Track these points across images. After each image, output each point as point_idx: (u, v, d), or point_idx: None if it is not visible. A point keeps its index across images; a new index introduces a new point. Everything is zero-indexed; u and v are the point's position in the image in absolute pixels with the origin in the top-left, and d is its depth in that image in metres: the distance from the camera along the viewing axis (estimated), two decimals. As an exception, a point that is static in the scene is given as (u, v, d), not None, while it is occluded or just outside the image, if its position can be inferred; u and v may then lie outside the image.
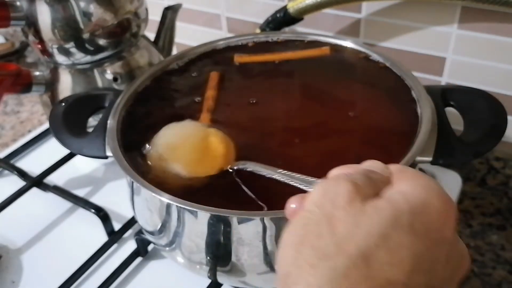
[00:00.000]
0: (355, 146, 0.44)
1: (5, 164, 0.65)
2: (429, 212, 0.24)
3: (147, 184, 0.39)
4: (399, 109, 0.47)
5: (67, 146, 0.47)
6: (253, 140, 0.46)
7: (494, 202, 0.59)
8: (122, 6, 0.57)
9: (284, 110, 0.49)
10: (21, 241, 0.56)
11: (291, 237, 0.25)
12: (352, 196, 0.25)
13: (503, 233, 0.55)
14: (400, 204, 0.24)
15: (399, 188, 0.25)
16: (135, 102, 0.50)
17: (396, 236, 0.23)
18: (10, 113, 0.82)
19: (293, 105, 0.50)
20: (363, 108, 0.49)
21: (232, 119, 0.48)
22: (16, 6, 0.54)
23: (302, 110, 0.49)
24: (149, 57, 0.63)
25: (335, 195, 0.25)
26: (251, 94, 0.51)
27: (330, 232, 0.24)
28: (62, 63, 0.58)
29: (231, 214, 0.36)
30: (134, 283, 0.50)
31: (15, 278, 0.52)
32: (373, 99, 0.50)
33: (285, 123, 0.48)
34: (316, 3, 0.59)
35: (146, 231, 0.46)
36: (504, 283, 0.50)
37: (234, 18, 0.75)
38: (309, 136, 0.46)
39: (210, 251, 0.40)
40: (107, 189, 0.62)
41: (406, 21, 0.60)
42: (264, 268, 0.39)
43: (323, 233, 0.24)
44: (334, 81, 0.53)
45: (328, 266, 0.23)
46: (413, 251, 0.23)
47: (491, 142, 0.41)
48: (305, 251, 0.24)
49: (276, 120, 0.48)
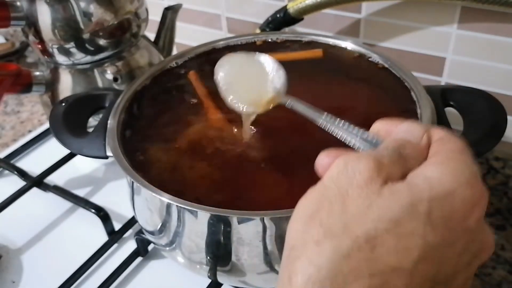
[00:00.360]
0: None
1: (5, 164, 0.65)
2: (452, 201, 0.23)
3: (147, 184, 0.39)
4: (399, 109, 0.47)
5: (67, 146, 0.47)
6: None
7: (494, 202, 0.59)
8: (122, 6, 0.57)
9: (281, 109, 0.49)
10: (21, 241, 0.56)
11: (304, 210, 0.25)
12: (371, 175, 0.24)
13: (503, 233, 0.55)
14: (420, 191, 0.23)
15: (426, 171, 0.24)
16: (135, 102, 0.50)
17: (408, 224, 0.22)
18: (10, 113, 0.82)
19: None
20: (362, 108, 0.49)
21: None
22: (16, 6, 0.54)
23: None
24: (149, 57, 0.63)
25: (354, 173, 0.24)
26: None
27: (341, 210, 0.23)
28: (62, 63, 0.59)
29: (231, 214, 0.36)
30: (134, 283, 0.50)
31: (15, 278, 0.52)
32: (373, 99, 0.50)
33: (283, 122, 0.48)
34: (316, 3, 0.59)
35: (146, 231, 0.46)
36: (504, 283, 0.50)
37: (234, 18, 0.75)
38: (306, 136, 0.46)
39: (210, 251, 0.40)
40: (107, 189, 0.62)
41: (406, 21, 0.60)
42: (264, 268, 0.39)
43: (334, 210, 0.23)
44: (333, 81, 0.53)
45: (332, 245, 0.22)
46: (425, 241, 0.22)
47: (491, 142, 0.41)
48: (313, 226, 0.23)
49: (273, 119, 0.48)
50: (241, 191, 0.41)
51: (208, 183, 0.42)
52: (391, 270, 0.22)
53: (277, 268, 0.39)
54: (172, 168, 0.44)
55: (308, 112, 0.36)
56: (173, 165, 0.44)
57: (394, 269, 0.22)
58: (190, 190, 0.41)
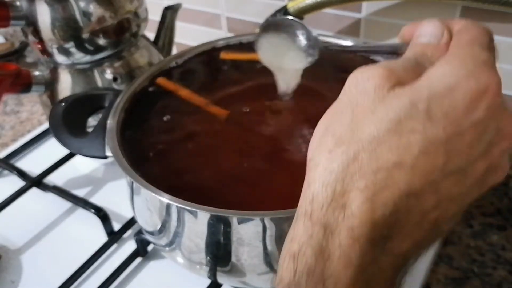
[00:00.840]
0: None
1: (5, 164, 0.65)
2: (453, 96, 0.24)
3: (147, 184, 0.39)
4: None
5: (67, 146, 0.47)
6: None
7: (494, 202, 0.59)
8: (122, 6, 0.56)
9: (279, 109, 0.49)
10: (21, 241, 0.56)
11: (320, 126, 0.27)
12: (380, 82, 0.25)
13: (504, 233, 0.55)
14: (420, 90, 0.24)
15: (431, 70, 0.25)
16: (135, 102, 0.50)
17: (408, 122, 0.23)
18: (10, 113, 0.82)
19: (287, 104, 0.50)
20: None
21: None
22: (16, 6, 0.54)
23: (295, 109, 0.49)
24: (149, 57, 0.63)
25: (364, 82, 0.25)
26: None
27: (350, 119, 0.25)
28: (62, 63, 0.58)
29: (231, 214, 0.36)
30: (134, 283, 0.50)
31: (15, 278, 0.52)
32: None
33: (280, 122, 0.48)
34: (316, 3, 0.59)
35: (146, 231, 0.46)
36: (504, 283, 0.50)
37: (234, 18, 0.75)
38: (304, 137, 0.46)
39: (210, 251, 0.40)
40: (107, 189, 0.62)
41: (406, 21, 0.60)
42: (264, 268, 0.39)
43: (344, 120, 0.25)
44: (333, 81, 0.52)
45: (341, 151, 0.24)
46: (425, 136, 0.23)
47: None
48: (327, 138, 0.25)
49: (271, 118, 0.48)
50: (242, 190, 0.41)
51: (208, 183, 0.42)
52: (393, 165, 0.23)
53: (277, 268, 0.39)
54: (172, 168, 0.44)
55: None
56: (173, 165, 0.44)
57: (395, 165, 0.23)
58: (190, 190, 0.41)
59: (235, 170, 0.43)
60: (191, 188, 0.41)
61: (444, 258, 0.53)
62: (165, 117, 0.49)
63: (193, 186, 0.42)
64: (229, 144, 0.46)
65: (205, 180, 0.42)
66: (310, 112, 0.47)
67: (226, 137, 0.46)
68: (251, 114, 0.48)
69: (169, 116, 0.49)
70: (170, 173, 0.43)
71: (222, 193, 0.41)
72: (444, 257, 0.53)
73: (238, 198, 0.40)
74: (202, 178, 0.43)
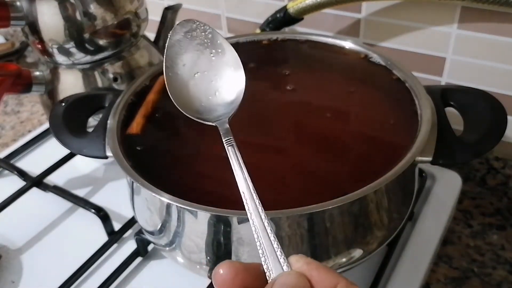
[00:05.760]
0: (355, 146, 0.44)
1: (5, 164, 0.65)
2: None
3: (147, 184, 0.39)
4: (399, 109, 0.47)
5: (67, 146, 0.47)
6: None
7: (494, 202, 0.59)
8: (122, 6, 0.57)
9: (277, 109, 0.49)
10: (21, 241, 0.56)
11: None
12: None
13: (503, 233, 0.55)
14: None
15: None
16: (135, 102, 0.50)
17: None
18: (10, 113, 0.82)
19: (287, 105, 0.50)
20: (362, 108, 0.49)
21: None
22: (16, 6, 0.54)
23: (299, 111, 0.49)
24: (149, 57, 0.63)
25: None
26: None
27: None
28: (62, 63, 0.59)
29: (231, 214, 0.36)
30: (134, 283, 0.50)
31: (15, 278, 0.52)
32: (373, 99, 0.50)
33: (279, 122, 0.48)
34: (316, 3, 0.59)
35: (146, 231, 0.46)
36: (504, 283, 0.50)
37: (234, 18, 0.75)
38: (305, 137, 0.46)
39: (210, 251, 0.40)
40: (107, 189, 0.62)
41: (406, 21, 0.60)
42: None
43: None
44: (332, 81, 0.53)
45: None
46: None
47: (491, 142, 0.41)
48: None
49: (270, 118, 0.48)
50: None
51: (208, 183, 0.42)
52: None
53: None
54: (172, 168, 0.44)
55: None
56: (173, 165, 0.44)
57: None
58: (190, 190, 0.41)
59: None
60: (191, 188, 0.41)
61: (443, 258, 0.53)
62: (165, 117, 0.49)
63: (193, 186, 0.42)
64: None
65: (205, 180, 0.42)
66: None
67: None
68: (251, 114, 0.49)
69: (169, 116, 0.49)
70: (170, 173, 0.43)
71: (222, 193, 0.41)
72: (444, 257, 0.53)
73: (238, 198, 0.40)
74: (202, 178, 0.43)
